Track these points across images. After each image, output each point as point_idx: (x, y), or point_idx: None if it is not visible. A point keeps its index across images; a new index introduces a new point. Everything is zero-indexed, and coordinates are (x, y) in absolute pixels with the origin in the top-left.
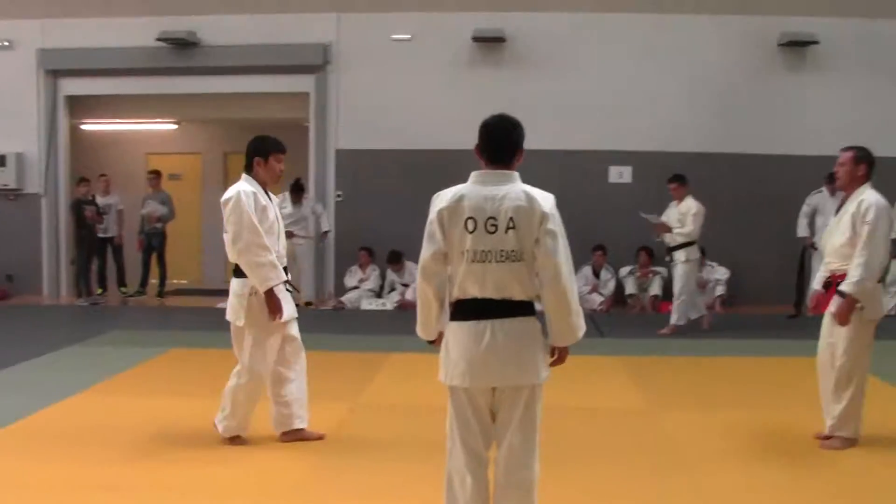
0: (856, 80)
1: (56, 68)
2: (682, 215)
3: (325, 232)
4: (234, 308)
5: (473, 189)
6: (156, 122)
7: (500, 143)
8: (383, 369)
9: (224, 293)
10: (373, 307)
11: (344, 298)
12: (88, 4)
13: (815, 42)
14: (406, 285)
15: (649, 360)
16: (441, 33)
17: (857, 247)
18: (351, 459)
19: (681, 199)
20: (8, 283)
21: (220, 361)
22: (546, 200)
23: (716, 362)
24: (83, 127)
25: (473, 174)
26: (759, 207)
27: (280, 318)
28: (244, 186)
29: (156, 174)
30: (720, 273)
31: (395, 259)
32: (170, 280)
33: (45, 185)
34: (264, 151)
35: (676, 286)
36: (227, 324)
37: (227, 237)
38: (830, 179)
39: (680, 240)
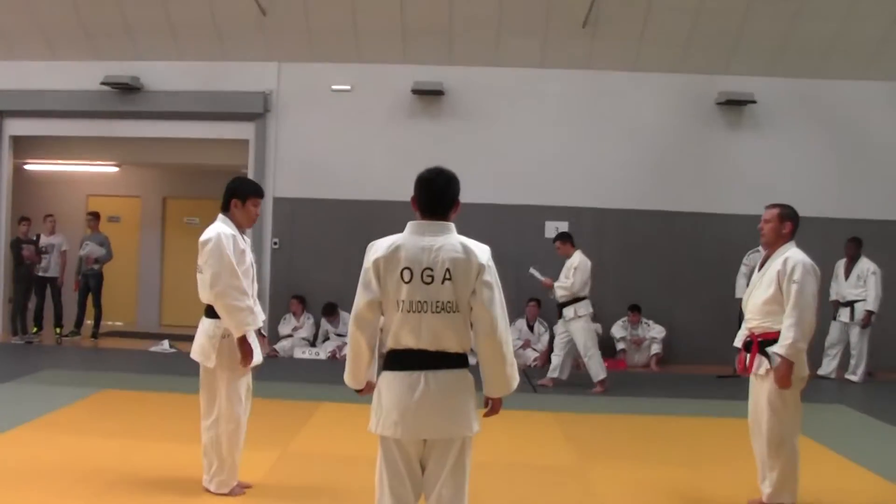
0: (792, 139)
1: (1, 109)
2: (567, 270)
3: None
4: (203, 349)
5: (410, 239)
6: (98, 164)
7: (437, 195)
8: (314, 418)
9: (157, 336)
10: (306, 356)
11: (277, 346)
12: (35, 47)
13: (753, 101)
14: (340, 335)
15: (582, 416)
16: (381, 84)
17: (786, 307)
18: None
19: (568, 256)
20: None
21: (151, 403)
22: (482, 252)
23: (649, 420)
24: (26, 167)
25: (410, 224)
26: (695, 265)
27: (250, 364)
28: (223, 228)
29: (94, 216)
30: (656, 331)
31: (330, 311)
32: (105, 322)
33: None
34: (243, 194)
35: (579, 345)
36: (159, 367)
37: (201, 278)
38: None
39: (562, 294)
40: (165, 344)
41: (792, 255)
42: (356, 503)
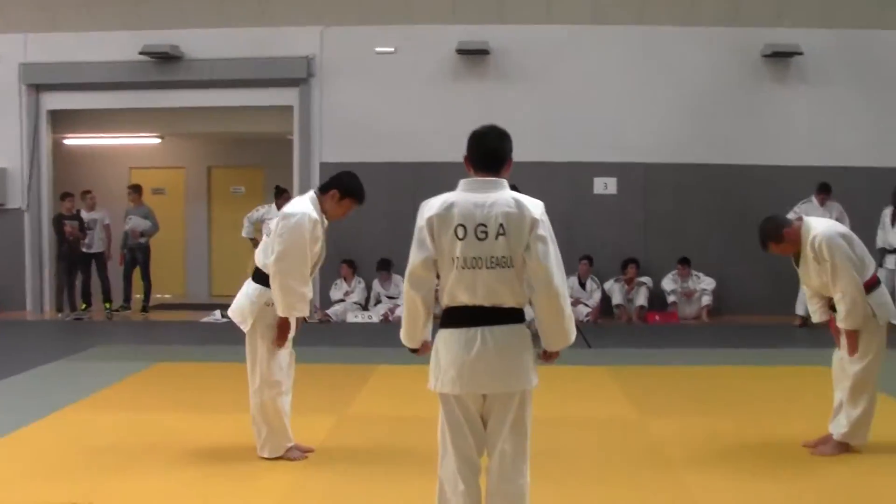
0: (839, 91)
1: (39, 82)
2: None
3: None
4: (242, 311)
5: (463, 196)
6: (139, 137)
7: (490, 152)
8: (370, 381)
9: (207, 307)
10: (358, 320)
11: (329, 311)
12: (71, 19)
13: (799, 53)
14: (392, 298)
15: (637, 369)
16: (425, 46)
17: (831, 285)
18: (339, 472)
19: None
20: None
21: (205, 375)
22: (536, 207)
23: (703, 371)
24: (66, 141)
25: (462, 182)
26: (745, 217)
27: (283, 345)
28: (310, 209)
29: (136, 188)
30: (706, 283)
31: (385, 266)
32: (154, 294)
33: (28, 200)
34: (345, 191)
35: None
36: (212, 337)
37: (267, 242)
38: (821, 190)
39: None
40: (217, 314)
41: (811, 230)
42: (418, 464)
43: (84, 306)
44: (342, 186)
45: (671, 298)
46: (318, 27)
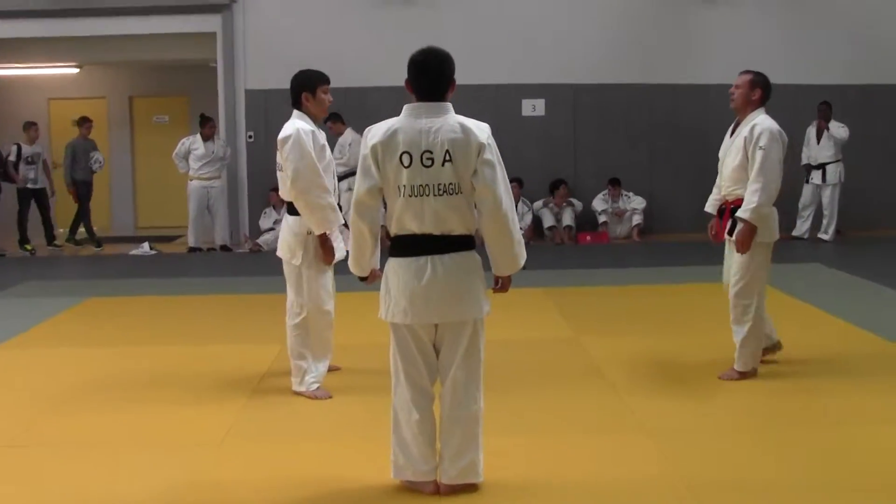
0: (765, 6)
1: None
2: (341, 147)
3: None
4: (289, 246)
5: (407, 122)
6: (57, 66)
7: (432, 76)
8: None
9: (134, 241)
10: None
11: (260, 240)
12: None
13: None
14: None
15: (571, 290)
16: None
17: (751, 172)
18: (283, 403)
19: (339, 134)
20: None
21: (138, 309)
22: (482, 131)
23: (635, 291)
24: None
25: (406, 107)
26: (672, 137)
27: (333, 261)
28: (301, 124)
29: (87, 121)
30: (637, 202)
31: None
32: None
33: None
34: (311, 85)
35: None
36: (141, 270)
37: (282, 176)
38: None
39: (342, 170)
40: (146, 246)
41: (760, 121)
42: (370, 390)
43: (30, 248)
44: (304, 85)
45: (602, 219)
46: None
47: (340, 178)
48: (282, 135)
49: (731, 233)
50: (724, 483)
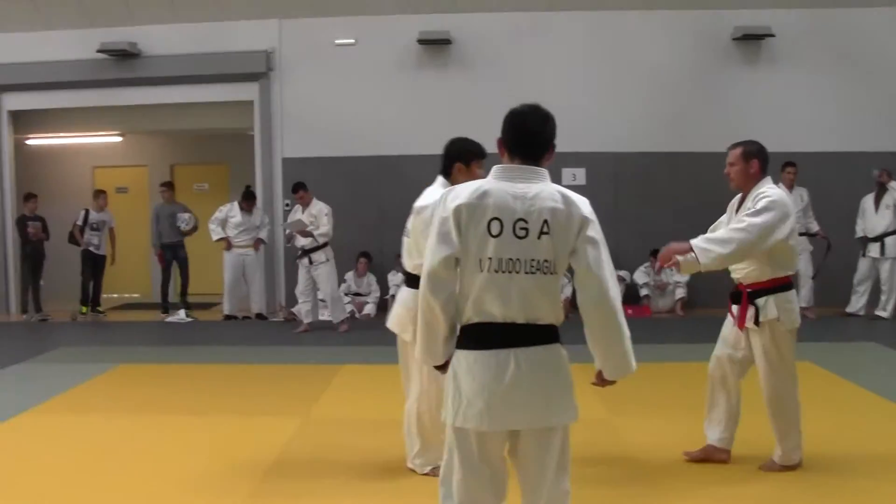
0: (813, 74)
1: None
2: (315, 217)
3: (261, 240)
4: (401, 320)
5: (498, 185)
6: (101, 135)
7: (532, 135)
8: (335, 380)
9: (173, 308)
10: (325, 317)
11: (295, 309)
12: (27, 18)
13: (771, 35)
14: (359, 294)
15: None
16: (385, 37)
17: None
18: (303, 477)
19: (307, 204)
20: None
21: (167, 376)
22: (584, 203)
23: (675, 368)
24: (28, 142)
25: (496, 168)
26: (716, 206)
27: None
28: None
29: (169, 186)
30: (680, 276)
31: (365, 256)
32: (120, 294)
33: None
34: (466, 158)
35: (326, 288)
36: (175, 337)
37: (408, 242)
38: (786, 167)
39: (320, 241)
40: (182, 313)
41: (765, 190)
42: (381, 468)
43: (85, 310)
44: (461, 156)
45: (644, 292)
46: (276, 20)
47: (310, 251)
48: (419, 203)
49: (756, 322)
50: None
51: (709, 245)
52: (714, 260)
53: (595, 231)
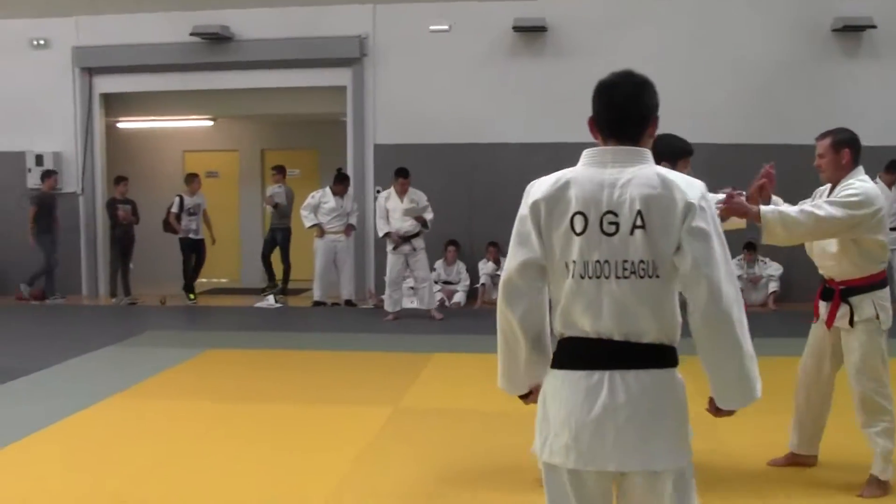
0: None
1: (91, 66)
2: (415, 203)
3: (351, 226)
4: None
5: (585, 172)
6: (192, 119)
7: (625, 108)
8: (426, 370)
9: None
10: (414, 305)
11: (385, 296)
12: (120, 1)
13: (872, 26)
14: (448, 283)
15: (694, 358)
16: (480, 23)
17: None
18: (392, 467)
19: (405, 191)
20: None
21: (253, 362)
22: (692, 188)
23: (766, 363)
24: (119, 125)
25: (586, 153)
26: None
27: None
28: None
29: (280, 169)
30: (773, 269)
31: (454, 244)
32: (210, 279)
33: (83, 184)
34: (674, 156)
35: (425, 274)
36: (263, 323)
37: None
38: (889, 169)
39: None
40: (271, 299)
41: (853, 182)
42: (469, 460)
43: (193, 297)
44: (671, 153)
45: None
46: (371, 5)
47: (413, 237)
48: None
49: (851, 321)
50: None
51: (779, 216)
52: (774, 227)
53: (705, 221)
